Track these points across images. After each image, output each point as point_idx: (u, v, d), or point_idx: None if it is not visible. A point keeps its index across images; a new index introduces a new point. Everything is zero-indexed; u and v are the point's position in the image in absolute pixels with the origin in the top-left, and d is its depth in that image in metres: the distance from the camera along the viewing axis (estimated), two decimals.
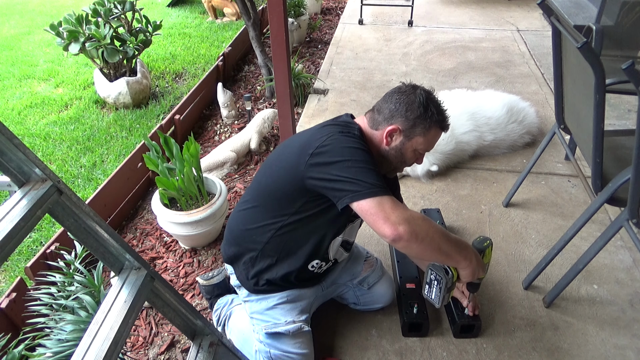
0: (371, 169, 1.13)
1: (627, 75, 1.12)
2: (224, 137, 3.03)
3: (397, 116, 1.27)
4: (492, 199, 2.36)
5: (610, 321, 1.73)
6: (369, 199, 1.07)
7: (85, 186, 2.58)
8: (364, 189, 1.08)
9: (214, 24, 5.16)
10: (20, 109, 3.41)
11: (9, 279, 2.04)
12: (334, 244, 1.44)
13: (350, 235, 1.52)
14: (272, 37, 2.12)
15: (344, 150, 1.15)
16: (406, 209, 1.11)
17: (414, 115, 1.26)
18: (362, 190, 1.08)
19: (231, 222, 1.50)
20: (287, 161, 1.28)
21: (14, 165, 0.79)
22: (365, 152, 1.19)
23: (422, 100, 1.26)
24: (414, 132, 1.27)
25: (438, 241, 1.13)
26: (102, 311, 0.90)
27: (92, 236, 0.91)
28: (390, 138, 1.29)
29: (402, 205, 1.12)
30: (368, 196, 1.07)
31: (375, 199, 1.06)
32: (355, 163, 1.12)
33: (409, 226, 1.05)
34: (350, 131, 1.25)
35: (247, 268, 1.44)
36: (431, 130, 1.28)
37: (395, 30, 4.61)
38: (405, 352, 1.64)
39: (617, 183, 1.46)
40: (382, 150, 1.31)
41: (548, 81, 3.50)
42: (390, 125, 1.28)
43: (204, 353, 1.15)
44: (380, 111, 1.31)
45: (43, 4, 6.12)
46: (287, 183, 1.27)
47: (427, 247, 1.11)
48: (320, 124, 1.32)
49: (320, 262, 1.47)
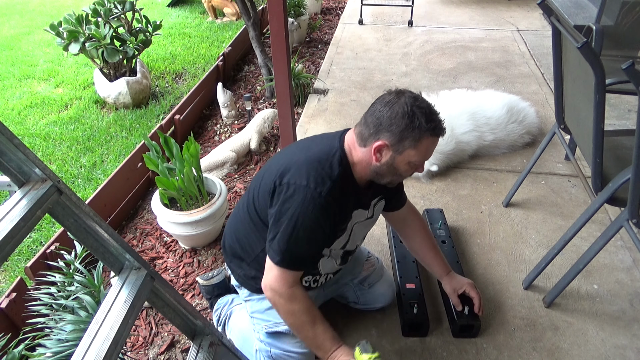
0: (296, 243, 1.19)
1: (627, 75, 1.12)
2: (224, 137, 3.03)
3: (382, 131, 1.16)
4: (492, 199, 2.36)
5: (610, 321, 1.73)
6: (273, 264, 1.24)
7: (85, 186, 2.58)
8: (275, 252, 1.22)
9: (214, 24, 5.16)
10: (20, 109, 3.41)
11: (9, 279, 2.04)
12: (323, 263, 1.42)
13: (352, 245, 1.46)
14: (272, 37, 2.12)
15: (291, 210, 1.18)
16: (283, 286, 1.23)
17: (399, 128, 1.14)
18: (273, 251, 1.22)
19: (230, 222, 1.50)
20: (266, 178, 1.29)
21: (14, 165, 0.79)
22: (313, 222, 1.18)
23: (407, 110, 1.14)
24: (403, 145, 1.16)
25: (290, 324, 1.30)
26: (102, 311, 0.90)
27: (92, 236, 0.91)
28: (379, 154, 1.19)
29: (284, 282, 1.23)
30: (272, 260, 1.24)
31: (274, 266, 1.23)
32: (289, 231, 1.19)
33: (271, 295, 1.26)
34: (322, 188, 1.17)
35: (246, 269, 1.45)
36: (422, 140, 1.16)
37: (395, 30, 4.61)
38: (405, 352, 1.64)
39: (617, 183, 1.46)
40: (374, 167, 1.22)
41: (548, 81, 3.50)
42: (377, 141, 1.17)
43: (204, 353, 1.15)
44: (366, 125, 1.20)
45: (43, 4, 6.12)
46: (263, 202, 1.29)
47: (281, 317, 1.30)
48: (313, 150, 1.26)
49: (311, 278, 1.47)
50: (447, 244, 1.95)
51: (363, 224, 1.42)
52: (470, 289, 1.60)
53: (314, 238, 1.22)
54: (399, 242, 1.94)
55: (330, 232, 1.26)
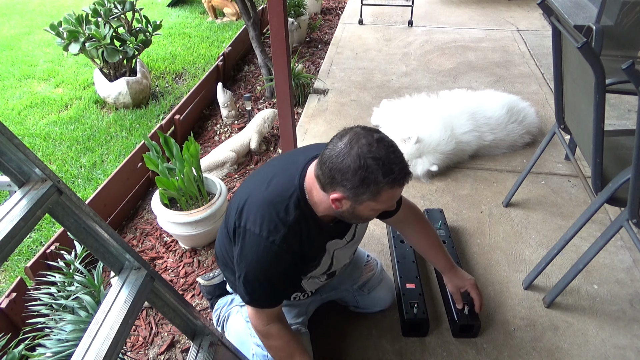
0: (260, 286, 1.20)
1: (627, 75, 1.12)
2: (224, 137, 3.03)
3: (336, 184, 1.04)
4: (492, 199, 2.36)
5: (610, 321, 1.73)
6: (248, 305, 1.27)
7: (85, 186, 2.58)
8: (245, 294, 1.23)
9: (214, 24, 5.16)
10: (20, 109, 3.41)
11: (9, 279, 2.04)
12: (307, 284, 1.41)
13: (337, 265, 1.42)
14: (272, 37, 2.12)
15: (249, 258, 1.17)
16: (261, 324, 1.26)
17: (352, 185, 1.02)
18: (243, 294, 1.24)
19: (220, 231, 1.46)
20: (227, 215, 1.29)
21: (14, 165, 0.79)
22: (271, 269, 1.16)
23: (360, 165, 0.99)
24: (361, 199, 1.05)
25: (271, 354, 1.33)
26: (102, 311, 0.90)
27: (92, 236, 0.91)
28: (338, 203, 1.08)
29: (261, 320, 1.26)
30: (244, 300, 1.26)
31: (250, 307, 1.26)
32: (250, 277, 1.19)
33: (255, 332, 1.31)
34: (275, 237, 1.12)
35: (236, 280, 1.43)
36: (381, 194, 1.04)
37: (395, 30, 4.61)
38: (405, 352, 1.64)
39: (617, 183, 1.46)
40: (336, 212, 1.13)
41: (548, 81, 3.50)
42: (333, 193, 1.06)
43: (204, 353, 1.15)
44: (322, 172, 1.07)
45: (43, 4, 6.12)
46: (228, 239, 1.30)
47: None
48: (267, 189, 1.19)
49: (299, 294, 1.47)
50: (447, 244, 1.95)
51: (345, 248, 1.39)
52: (472, 289, 1.58)
53: (276, 282, 1.21)
54: (399, 242, 1.94)
55: (295, 272, 1.24)
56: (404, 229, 1.60)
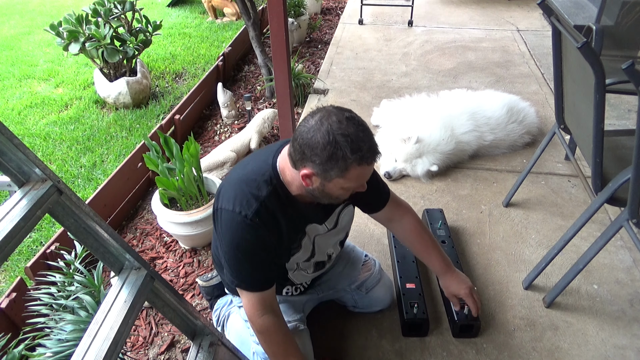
0: (240, 264, 1.20)
1: (627, 75, 1.12)
2: (224, 137, 3.03)
3: (305, 159, 1.07)
4: (492, 199, 2.36)
5: (610, 321, 1.73)
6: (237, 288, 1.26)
7: (85, 186, 2.58)
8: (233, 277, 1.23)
9: (214, 24, 5.16)
10: (20, 109, 3.41)
11: (9, 279, 2.04)
12: (294, 275, 1.41)
13: (320, 256, 1.43)
14: (272, 37, 2.12)
15: (226, 237, 1.19)
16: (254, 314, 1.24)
17: (321, 159, 1.04)
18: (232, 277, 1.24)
19: (213, 240, 1.47)
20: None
21: (14, 165, 0.79)
22: (246, 244, 1.17)
23: (329, 140, 1.02)
24: (330, 175, 1.07)
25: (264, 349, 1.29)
26: (102, 311, 0.90)
27: (92, 236, 0.91)
28: (308, 180, 1.11)
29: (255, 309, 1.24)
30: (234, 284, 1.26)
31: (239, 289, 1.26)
32: (231, 256, 1.20)
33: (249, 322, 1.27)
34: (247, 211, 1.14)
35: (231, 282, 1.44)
36: (350, 170, 1.06)
37: (395, 30, 4.61)
38: (405, 352, 1.64)
39: (617, 183, 1.46)
40: (307, 190, 1.16)
41: (548, 81, 3.50)
42: (303, 169, 1.09)
43: (204, 353, 1.15)
44: (293, 148, 1.10)
45: (43, 4, 6.12)
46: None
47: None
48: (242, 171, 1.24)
49: (290, 288, 1.47)
50: (447, 244, 1.95)
51: (327, 236, 1.38)
52: (467, 298, 1.51)
53: (257, 259, 1.21)
54: (399, 242, 1.94)
55: (273, 251, 1.23)
56: (395, 229, 1.59)
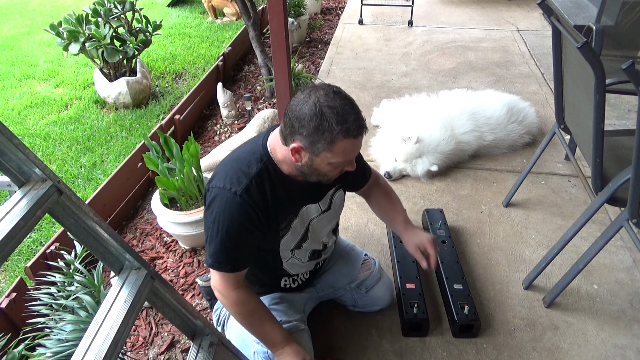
0: (221, 241, 1.20)
1: (627, 75, 1.12)
2: (224, 137, 3.03)
3: (295, 133, 1.10)
4: (492, 199, 2.36)
5: (610, 321, 1.73)
6: (209, 267, 1.26)
7: (85, 186, 2.58)
8: (208, 255, 1.24)
9: (214, 24, 5.16)
10: (20, 109, 3.41)
11: (9, 279, 2.04)
12: (289, 264, 1.42)
13: (314, 243, 1.43)
14: (272, 37, 2.12)
15: (213, 212, 1.20)
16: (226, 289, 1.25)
17: (308, 131, 1.07)
18: (207, 254, 1.25)
19: None
20: None
21: (14, 165, 0.79)
22: (232, 221, 1.18)
23: (315, 112, 1.06)
24: (317, 148, 1.10)
25: (240, 322, 1.31)
26: (102, 311, 0.90)
27: (92, 236, 0.91)
28: (297, 155, 1.14)
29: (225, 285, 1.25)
30: (207, 263, 1.26)
31: (211, 269, 1.26)
32: (213, 231, 1.20)
33: (220, 299, 1.28)
34: (237, 187, 1.16)
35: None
36: (336, 143, 1.08)
37: (395, 30, 4.61)
38: (405, 352, 1.64)
39: (617, 183, 1.46)
40: (297, 166, 1.18)
41: (548, 81, 3.50)
42: (293, 143, 1.11)
43: (204, 353, 1.15)
44: (284, 124, 1.14)
45: (43, 4, 6.12)
46: None
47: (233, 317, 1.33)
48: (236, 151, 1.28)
49: (288, 279, 1.47)
50: (447, 244, 1.95)
51: (322, 219, 1.39)
52: (428, 244, 1.46)
53: (240, 238, 1.21)
54: (399, 242, 1.94)
55: (259, 230, 1.23)
56: (369, 197, 1.62)
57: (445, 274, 1.80)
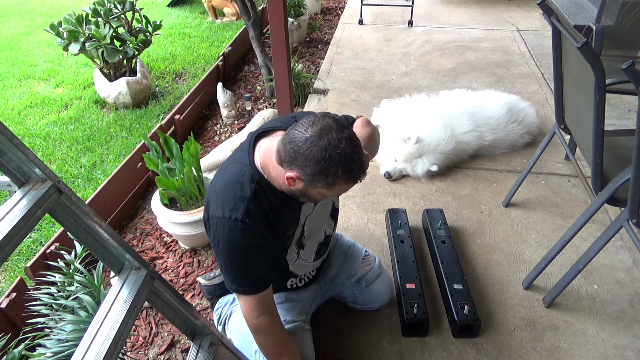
0: (235, 267, 1.21)
1: (627, 75, 1.12)
2: (224, 137, 3.03)
3: (295, 165, 1.08)
4: (492, 199, 2.36)
5: (610, 321, 1.73)
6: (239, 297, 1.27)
7: (85, 186, 2.58)
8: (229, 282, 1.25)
9: (214, 24, 5.16)
10: (20, 109, 3.41)
11: (9, 279, 2.04)
12: (295, 267, 1.43)
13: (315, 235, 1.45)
14: (272, 37, 2.12)
15: (219, 243, 1.20)
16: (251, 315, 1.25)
17: (312, 171, 1.07)
18: (227, 281, 1.25)
19: None
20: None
21: (14, 165, 0.79)
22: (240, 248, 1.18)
23: (324, 156, 1.05)
24: (315, 184, 1.11)
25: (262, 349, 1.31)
26: (102, 311, 0.90)
27: (92, 236, 0.91)
28: (292, 181, 1.13)
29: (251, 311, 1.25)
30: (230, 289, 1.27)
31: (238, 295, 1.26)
32: (225, 260, 1.21)
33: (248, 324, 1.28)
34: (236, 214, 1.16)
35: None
36: (336, 185, 1.11)
37: (395, 30, 4.61)
38: (405, 352, 1.64)
39: (617, 183, 1.46)
40: (287, 189, 1.17)
41: (548, 81, 3.50)
42: (290, 172, 1.10)
43: (204, 353, 1.15)
44: (284, 149, 1.10)
45: (43, 4, 6.12)
46: None
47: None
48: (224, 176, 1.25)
49: (295, 280, 1.47)
50: (447, 244, 1.95)
51: (316, 212, 1.40)
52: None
53: (254, 259, 1.22)
54: (399, 242, 1.94)
55: (269, 248, 1.24)
56: None
57: (445, 274, 1.80)
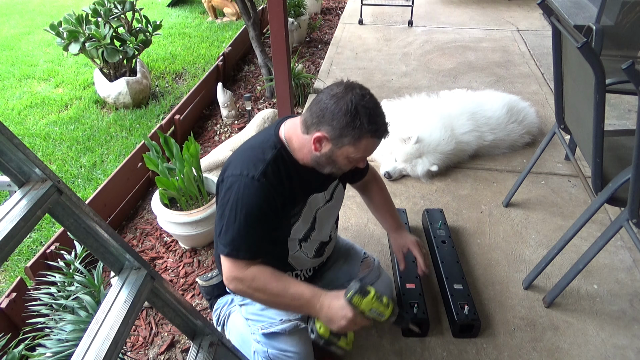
0: (239, 228, 1.20)
1: (627, 75, 1.12)
2: (224, 137, 3.03)
3: (323, 123, 1.15)
4: (492, 199, 2.36)
5: (610, 321, 1.73)
6: (224, 256, 1.24)
7: (85, 186, 2.58)
8: (223, 244, 1.23)
9: (214, 24, 5.16)
10: (20, 109, 3.41)
11: (9, 279, 2.04)
12: (295, 259, 1.42)
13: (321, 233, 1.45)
14: (272, 37, 2.12)
15: (230, 200, 1.21)
16: (240, 270, 1.22)
17: (339, 124, 1.13)
18: (221, 244, 1.23)
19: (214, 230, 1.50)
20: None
21: (14, 165, 0.79)
22: (251, 206, 1.19)
23: (349, 108, 1.12)
24: (342, 141, 1.16)
25: (264, 300, 1.29)
26: (102, 311, 0.90)
27: (92, 236, 0.91)
28: (318, 144, 1.18)
29: (239, 268, 1.22)
30: (222, 252, 1.24)
31: (224, 256, 1.24)
32: (231, 218, 1.20)
33: (235, 286, 1.25)
34: (254, 172, 1.19)
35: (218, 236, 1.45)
36: (362, 140, 1.16)
37: (395, 30, 4.61)
38: (405, 352, 1.64)
39: (617, 183, 1.46)
40: (314, 156, 1.22)
41: (548, 81, 3.50)
42: (317, 132, 1.16)
43: (204, 353, 1.15)
44: (310, 113, 1.19)
45: (43, 4, 6.12)
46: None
47: (257, 301, 1.32)
48: (247, 143, 1.31)
49: (291, 275, 1.46)
50: (447, 244, 1.95)
51: (326, 209, 1.42)
52: (412, 247, 1.56)
53: (259, 223, 1.22)
54: None
55: (275, 215, 1.25)
56: (364, 192, 1.68)
57: (445, 274, 1.80)
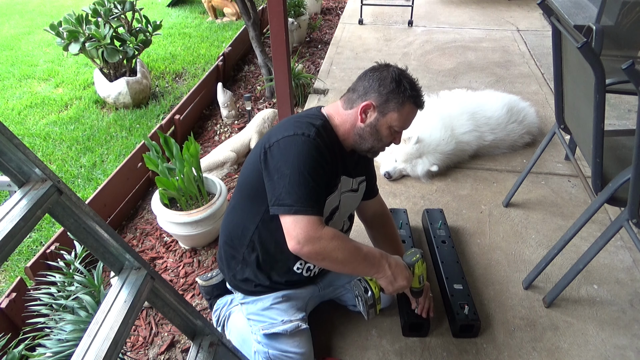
0: (305, 182, 1.18)
1: (627, 75, 1.12)
2: (224, 137, 3.03)
3: (370, 92, 1.30)
4: (492, 199, 2.36)
5: (610, 321, 1.73)
6: (289, 215, 1.18)
7: (85, 186, 2.58)
8: (288, 204, 1.17)
9: (214, 24, 5.16)
10: (20, 109, 3.41)
11: (9, 279, 2.04)
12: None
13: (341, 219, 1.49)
14: (272, 37, 2.12)
15: (289, 157, 1.21)
16: (317, 230, 1.17)
17: (386, 90, 1.28)
18: (286, 205, 1.18)
19: (223, 221, 1.52)
20: (253, 155, 1.35)
21: (14, 165, 0.79)
22: (312, 160, 1.20)
23: (394, 76, 1.29)
24: (388, 107, 1.29)
25: (342, 259, 1.22)
26: (102, 311, 0.90)
27: (92, 236, 0.91)
28: (364, 114, 1.31)
29: (316, 226, 1.17)
30: (288, 213, 1.18)
31: (293, 217, 1.17)
32: (294, 174, 1.19)
33: (312, 246, 1.17)
34: (309, 132, 1.23)
35: (237, 271, 1.46)
36: (405, 105, 1.30)
37: (395, 30, 4.61)
38: (405, 352, 1.64)
39: (617, 183, 1.46)
40: (358, 128, 1.32)
41: (548, 81, 3.50)
42: (364, 102, 1.30)
43: (204, 353, 1.15)
44: (355, 90, 1.34)
45: (43, 4, 6.12)
46: (252, 177, 1.32)
47: (330, 264, 1.24)
48: (291, 117, 1.36)
49: (303, 265, 1.47)
50: (447, 244, 1.95)
51: (350, 196, 1.46)
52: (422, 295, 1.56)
53: (321, 176, 1.23)
54: None
55: (328, 170, 1.27)
56: (379, 228, 1.70)
57: (445, 274, 1.80)
